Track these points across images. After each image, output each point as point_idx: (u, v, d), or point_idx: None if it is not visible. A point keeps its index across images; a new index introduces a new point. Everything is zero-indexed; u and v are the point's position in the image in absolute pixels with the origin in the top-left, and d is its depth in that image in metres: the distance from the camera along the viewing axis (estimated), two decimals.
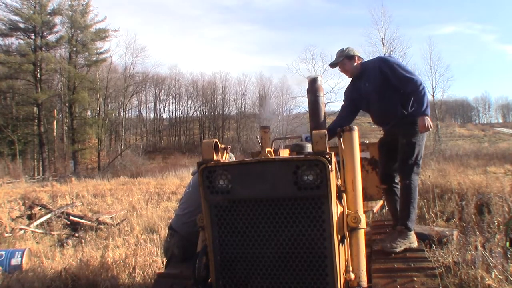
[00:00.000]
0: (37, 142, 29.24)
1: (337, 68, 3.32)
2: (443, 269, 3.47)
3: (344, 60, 3.20)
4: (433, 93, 30.11)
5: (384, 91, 3.04)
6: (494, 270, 3.25)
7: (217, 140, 2.10)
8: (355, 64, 3.19)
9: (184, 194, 3.40)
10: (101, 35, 32.11)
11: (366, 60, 3.29)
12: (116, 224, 7.48)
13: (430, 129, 2.93)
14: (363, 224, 1.99)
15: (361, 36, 61.61)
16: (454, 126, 50.03)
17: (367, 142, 3.67)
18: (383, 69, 3.01)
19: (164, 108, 48.09)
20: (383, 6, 45.19)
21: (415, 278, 2.31)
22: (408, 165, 2.98)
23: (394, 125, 3.10)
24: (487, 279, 3.15)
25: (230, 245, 2.05)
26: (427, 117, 2.89)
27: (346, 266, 1.97)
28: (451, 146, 25.42)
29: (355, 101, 3.32)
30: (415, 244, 2.84)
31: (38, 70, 28.51)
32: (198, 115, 45.98)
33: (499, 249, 3.79)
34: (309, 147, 2.96)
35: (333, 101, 30.91)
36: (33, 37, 29.31)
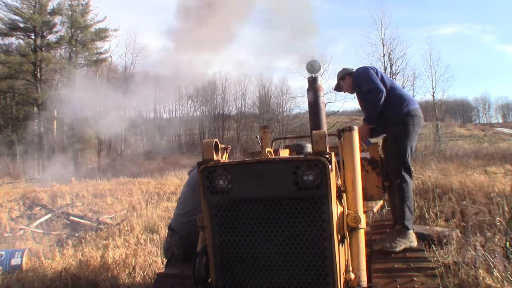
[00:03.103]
0: (37, 142, 29.22)
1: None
2: (443, 269, 3.47)
3: (340, 82, 3.44)
4: (433, 93, 30.02)
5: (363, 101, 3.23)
6: (495, 270, 3.25)
7: (217, 140, 2.11)
8: (348, 80, 3.39)
9: (182, 194, 3.40)
10: (101, 35, 32.10)
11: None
12: (116, 224, 7.49)
13: (362, 139, 3.10)
14: (363, 224, 1.99)
15: (361, 37, 61.68)
16: (454, 126, 49.99)
17: None
18: (355, 83, 3.28)
19: (164, 108, 48.12)
20: (382, 6, 45.04)
21: (415, 278, 2.31)
22: (396, 164, 3.02)
23: (385, 127, 3.23)
24: (487, 279, 3.15)
25: (230, 245, 2.05)
26: (364, 125, 3.12)
27: (346, 266, 1.97)
28: (451, 146, 25.37)
29: None
30: (414, 243, 2.85)
31: (38, 70, 28.49)
32: (198, 115, 46.03)
33: (499, 249, 3.79)
34: (309, 147, 2.97)
35: (333, 101, 30.72)
36: (33, 37, 29.27)
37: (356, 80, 3.27)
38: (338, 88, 3.54)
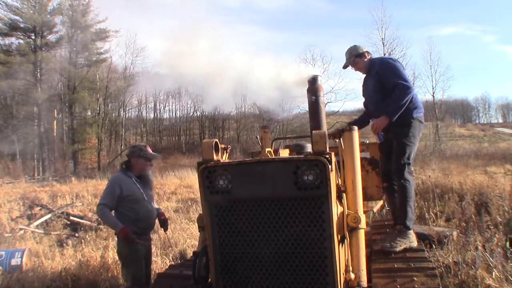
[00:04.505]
0: (37, 142, 29.22)
1: (350, 68, 3.40)
2: (443, 269, 3.46)
3: (355, 59, 3.28)
4: (433, 93, 30.13)
5: (380, 91, 3.12)
6: (494, 270, 3.25)
7: (217, 140, 2.11)
8: (366, 60, 3.27)
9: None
10: (102, 35, 32.09)
11: (374, 57, 3.37)
12: None
13: (377, 131, 3.05)
14: (363, 224, 1.99)
15: (361, 36, 61.53)
16: (454, 126, 49.95)
17: (367, 142, 3.67)
18: (378, 71, 3.12)
19: (164, 108, 48.10)
20: (383, 6, 45.04)
21: (415, 278, 2.30)
22: (400, 165, 3.01)
23: (388, 126, 3.15)
24: (487, 279, 3.15)
25: (230, 245, 2.05)
26: (386, 119, 2.98)
27: (346, 266, 1.97)
28: (451, 146, 25.40)
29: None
30: (414, 243, 2.84)
31: (38, 70, 28.50)
32: (198, 115, 45.98)
33: (499, 249, 3.79)
34: (309, 147, 2.96)
35: (333, 101, 30.81)
36: (33, 37, 29.29)
37: (379, 68, 3.11)
38: (348, 66, 3.37)
